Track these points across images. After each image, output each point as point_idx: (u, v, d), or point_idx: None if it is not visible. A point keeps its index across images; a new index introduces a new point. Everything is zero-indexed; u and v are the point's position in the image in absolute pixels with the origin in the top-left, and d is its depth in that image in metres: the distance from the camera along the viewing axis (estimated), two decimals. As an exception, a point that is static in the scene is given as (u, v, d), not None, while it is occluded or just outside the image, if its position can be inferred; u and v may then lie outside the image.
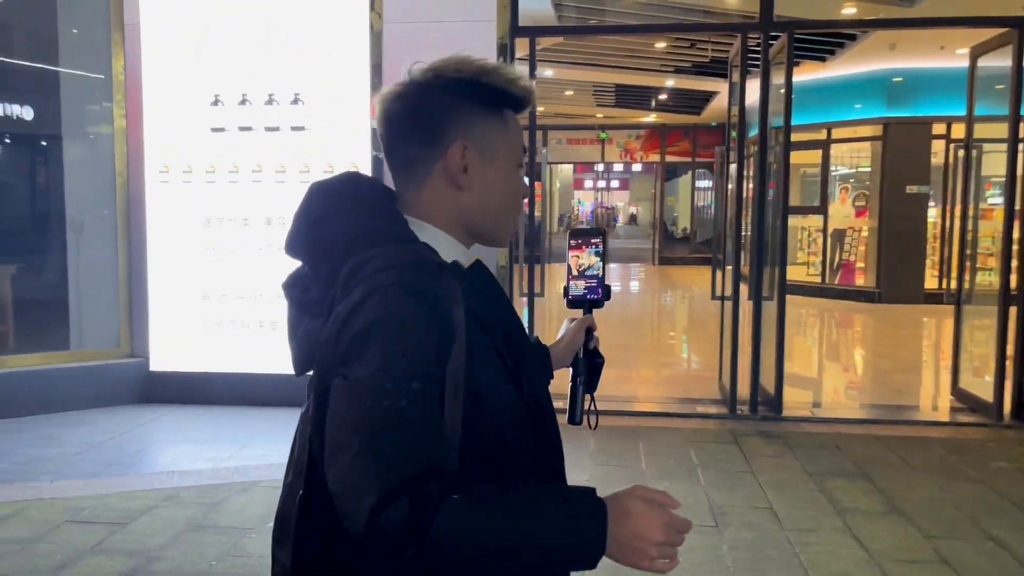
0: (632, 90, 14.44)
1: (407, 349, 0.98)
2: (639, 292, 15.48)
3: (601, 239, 1.48)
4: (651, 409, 5.80)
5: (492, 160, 1.15)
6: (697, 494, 4.19)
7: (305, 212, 1.11)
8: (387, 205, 1.13)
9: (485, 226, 1.18)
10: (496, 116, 1.15)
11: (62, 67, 6.05)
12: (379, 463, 0.93)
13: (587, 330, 1.49)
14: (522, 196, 1.23)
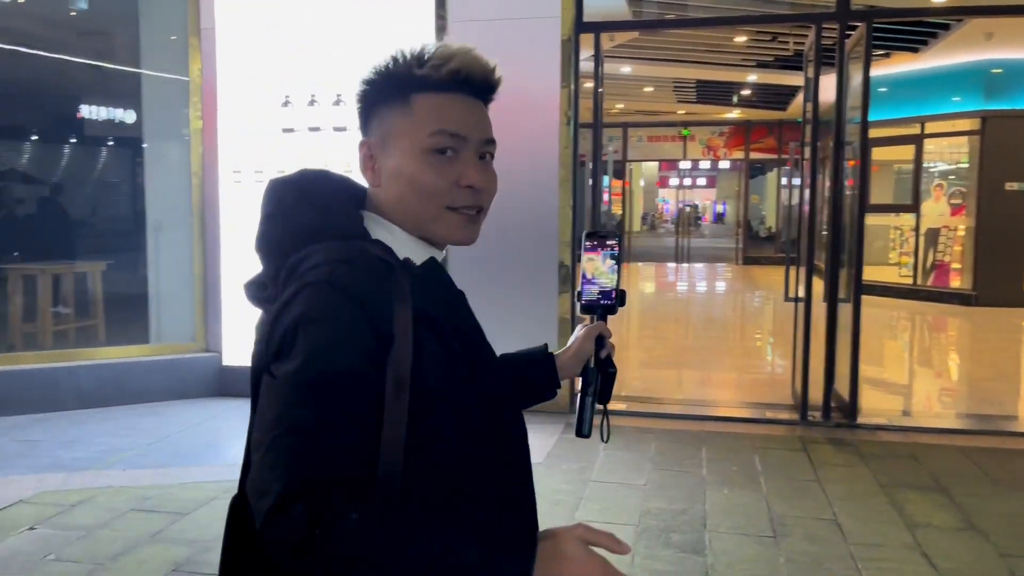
0: (714, 86, 14.13)
1: (330, 346, 0.95)
2: (717, 292, 15.15)
3: (617, 242, 1.42)
4: (717, 413, 5.64)
5: (391, 151, 1.11)
6: (757, 502, 4.05)
7: (261, 209, 1.11)
8: (341, 201, 1.11)
9: (403, 221, 1.12)
10: (400, 104, 1.11)
11: (144, 70, 6.30)
12: (285, 463, 0.90)
13: (599, 338, 1.41)
14: (459, 183, 1.11)
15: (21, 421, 5.40)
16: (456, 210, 1.11)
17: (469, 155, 1.11)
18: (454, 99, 1.11)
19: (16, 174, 11.28)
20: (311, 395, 0.93)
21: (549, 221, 5.51)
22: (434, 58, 1.10)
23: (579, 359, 1.42)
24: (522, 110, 5.46)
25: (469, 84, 1.12)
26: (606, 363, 1.40)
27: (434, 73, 1.09)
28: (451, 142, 1.10)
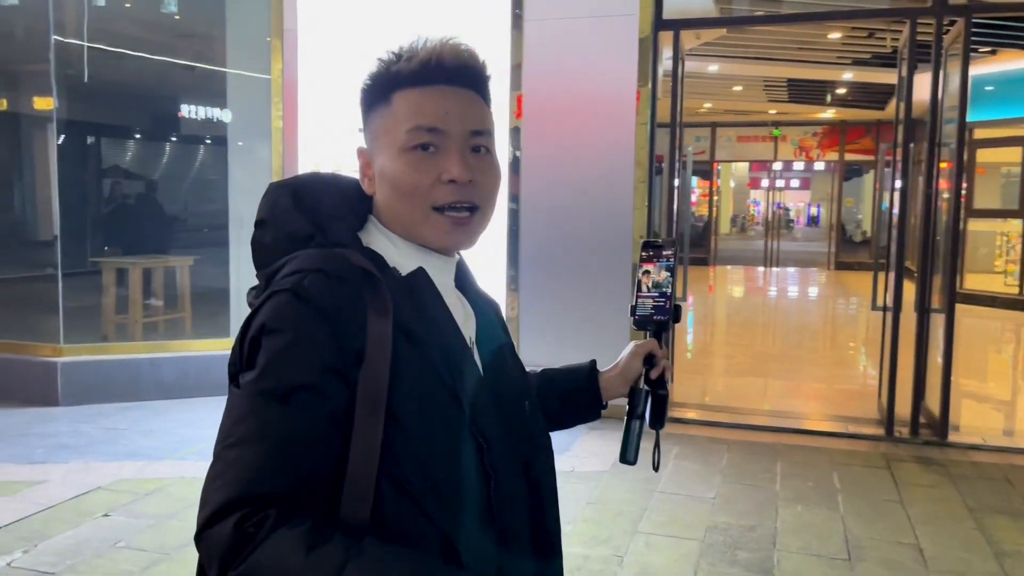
0: (806, 84, 13.66)
1: (286, 359, 0.91)
2: (804, 298, 14.64)
3: (673, 252, 1.32)
4: (795, 425, 5.41)
5: (377, 155, 1.07)
6: (833, 522, 3.85)
7: (256, 213, 1.08)
8: (337, 208, 1.06)
9: (398, 226, 1.07)
10: (383, 105, 1.07)
11: (230, 69, 6.47)
12: (226, 475, 0.87)
13: (650, 356, 1.30)
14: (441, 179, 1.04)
15: (107, 409, 5.61)
16: (442, 211, 1.04)
17: (451, 148, 1.04)
18: (432, 91, 1.05)
19: (119, 171, 11.83)
20: (262, 408, 0.90)
21: (623, 222, 5.40)
22: (407, 51, 1.07)
23: (625, 378, 1.32)
24: (597, 109, 5.37)
25: (446, 73, 1.06)
26: (656, 384, 1.30)
27: (407, 67, 1.06)
28: (429, 137, 1.04)
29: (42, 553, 3.40)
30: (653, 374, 1.30)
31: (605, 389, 1.34)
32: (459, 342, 1.06)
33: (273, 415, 0.89)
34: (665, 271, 1.32)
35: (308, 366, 0.91)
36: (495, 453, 1.03)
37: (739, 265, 19.50)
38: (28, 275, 7.31)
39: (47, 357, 5.84)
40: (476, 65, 1.09)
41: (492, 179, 1.08)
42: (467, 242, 1.09)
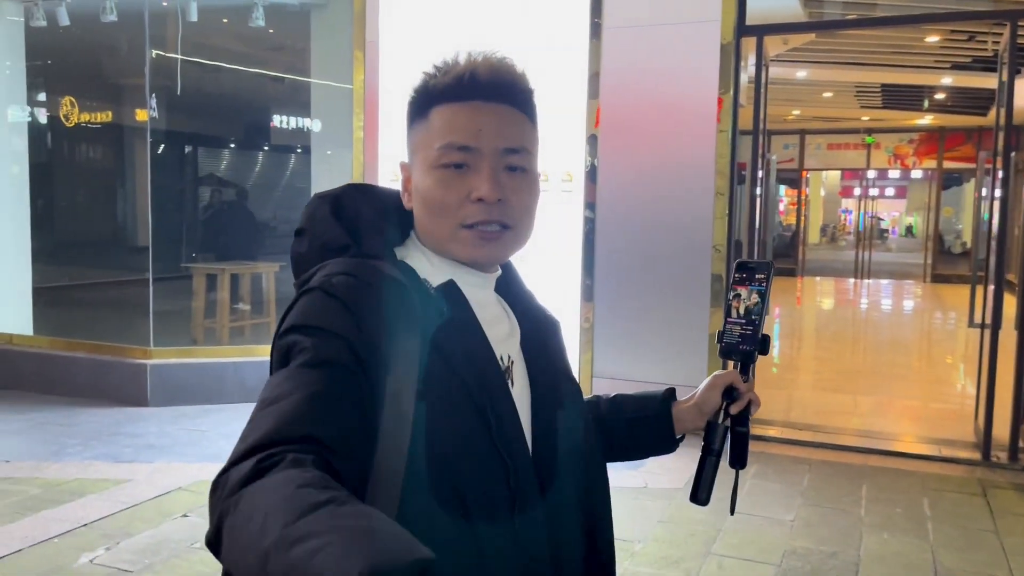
0: (901, 90, 13.13)
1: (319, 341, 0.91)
2: (896, 312, 14.06)
3: (767, 275, 1.22)
4: (884, 447, 5.16)
5: (414, 167, 1.06)
6: (922, 552, 3.65)
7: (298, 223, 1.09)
8: (374, 220, 1.05)
9: (430, 244, 1.06)
10: (421, 120, 1.05)
11: (314, 79, 6.62)
12: (255, 428, 0.84)
13: (730, 389, 1.22)
14: (471, 198, 1.01)
15: (191, 411, 5.78)
16: (472, 227, 1.02)
17: (483, 167, 1.02)
18: (466, 108, 1.03)
19: (210, 179, 12.27)
20: (295, 375, 0.89)
21: (702, 232, 5.27)
22: (445, 66, 1.05)
23: (702, 411, 1.25)
24: (677, 117, 5.27)
25: (482, 88, 1.03)
26: (737, 421, 1.21)
27: (443, 81, 1.04)
28: (460, 156, 1.01)
29: (123, 551, 3.51)
30: (734, 409, 1.21)
31: (679, 421, 1.27)
32: (487, 354, 1.03)
33: (305, 377, 0.88)
34: (756, 296, 1.23)
35: (337, 347, 0.90)
36: (520, 474, 0.98)
37: (828, 276, 18.87)
38: (124, 279, 7.62)
39: (137, 359, 6.07)
40: (513, 79, 1.06)
41: (526, 199, 1.05)
42: (498, 256, 1.06)
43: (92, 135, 9.02)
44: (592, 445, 1.16)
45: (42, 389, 6.27)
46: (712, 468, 1.17)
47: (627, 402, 1.30)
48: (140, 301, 6.33)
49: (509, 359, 1.07)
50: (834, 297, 16.13)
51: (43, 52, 7.05)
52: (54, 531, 3.69)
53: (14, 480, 4.36)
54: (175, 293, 7.48)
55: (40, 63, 7.11)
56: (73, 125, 6.97)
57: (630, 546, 3.60)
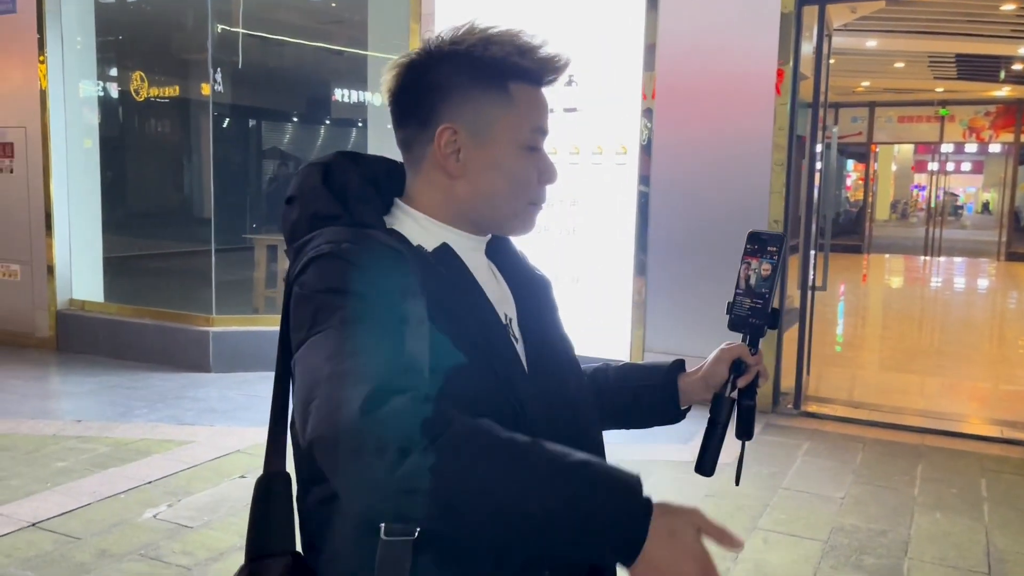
0: (977, 60, 12.62)
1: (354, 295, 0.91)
2: (966, 290, 13.61)
3: (779, 247, 1.21)
4: (942, 427, 5.04)
5: (488, 143, 1.05)
6: (975, 533, 3.57)
7: (288, 191, 1.10)
8: (363, 188, 1.07)
9: (486, 216, 1.09)
10: (497, 92, 1.05)
11: (371, 52, 6.68)
12: (357, 373, 0.82)
13: (738, 362, 1.22)
14: (540, 180, 1.09)
15: (251, 377, 5.96)
16: (535, 205, 1.11)
17: (546, 152, 1.11)
18: (542, 93, 1.10)
19: (271, 152, 12.52)
20: (363, 325, 0.88)
21: (759, 207, 5.17)
22: (533, 50, 1.06)
23: (707, 384, 1.25)
24: (734, 89, 5.17)
25: (553, 77, 1.09)
26: (743, 394, 1.20)
27: (529, 62, 1.05)
28: (543, 139, 1.10)
29: (184, 508, 3.66)
30: (741, 382, 1.21)
31: (684, 392, 1.28)
32: (489, 310, 1.06)
33: (375, 325, 0.88)
34: (768, 266, 1.21)
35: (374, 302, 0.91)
36: (531, 418, 1.01)
37: (897, 254, 18.36)
38: (188, 250, 7.86)
39: (200, 327, 6.27)
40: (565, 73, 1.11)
41: None
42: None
43: (160, 109, 9.28)
44: (586, 400, 1.17)
45: (112, 354, 6.53)
46: (718, 440, 1.17)
47: (634, 371, 1.32)
48: (203, 271, 6.53)
49: (507, 317, 1.10)
50: (902, 275, 15.71)
51: (112, 28, 7.26)
52: (121, 487, 3.87)
53: (85, 439, 4.57)
54: (237, 263, 7.68)
55: (110, 39, 7.33)
56: (143, 100, 7.17)
57: (675, 518, 3.61)
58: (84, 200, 7.01)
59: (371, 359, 0.84)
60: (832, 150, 5.71)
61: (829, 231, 5.67)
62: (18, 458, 4.24)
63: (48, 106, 6.71)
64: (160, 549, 3.25)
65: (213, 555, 3.22)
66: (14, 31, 6.80)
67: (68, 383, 6.04)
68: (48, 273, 6.83)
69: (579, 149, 5.61)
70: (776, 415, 5.18)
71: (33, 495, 3.74)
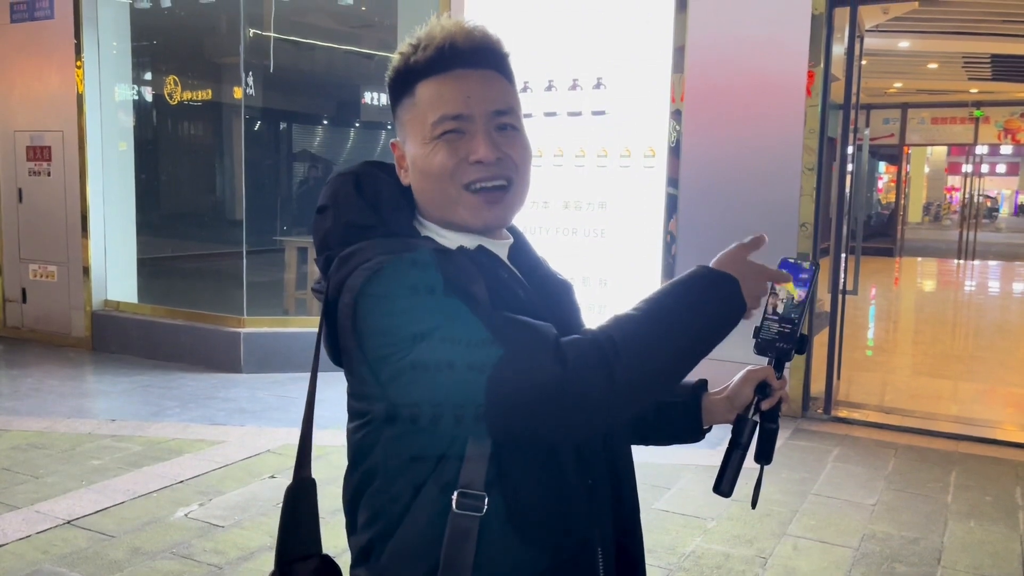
0: (1012, 60, 12.40)
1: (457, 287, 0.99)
2: (1000, 295, 13.38)
3: (811, 276, 1.19)
4: (977, 433, 4.96)
5: (408, 144, 1.10)
6: (1010, 541, 3.52)
7: (319, 200, 1.12)
8: (395, 198, 1.10)
9: (434, 215, 1.11)
10: (407, 96, 1.09)
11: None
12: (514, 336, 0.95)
13: (763, 385, 1.22)
14: (470, 160, 1.06)
15: (282, 378, 6.02)
16: (476, 191, 1.07)
17: (476, 132, 1.06)
18: (451, 78, 1.07)
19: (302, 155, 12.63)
20: (471, 314, 0.96)
21: (789, 209, 5.14)
22: (423, 40, 1.08)
23: (732, 405, 1.25)
24: (764, 91, 5.14)
25: (463, 56, 1.07)
26: (766, 417, 1.21)
27: (424, 56, 1.07)
28: (454, 124, 1.06)
29: (215, 507, 3.71)
30: (765, 405, 1.21)
31: (708, 411, 1.28)
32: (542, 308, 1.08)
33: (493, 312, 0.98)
34: (802, 292, 1.20)
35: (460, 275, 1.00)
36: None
37: (930, 257, 18.10)
38: (220, 252, 7.96)
39: (232, 328, 6.34)
40: (492, 44, 1.10)
41: (522, 153, 1.10)
42: (505, 217, 1.11)
43: (193, 112, 9.40)
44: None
45: (145, 354, 6.64)
46: (738, 461, 1.17)
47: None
48: (235, 272, 6.60)
49: None
50: (934, 279, 15.49)
51: (147, 33, 7.37)
52: (153, 486, 3.93)
53: (119, 437, 4.64)
54: (268, 265, 7.77)
55: (144, 43, 7.44)
56: (176, 103, 7.28)
57: (703, 523, 3.59)
58: (119, 202, 7.12)
59: (513, 332, 0.96)
60: (863, 152, 5.65)
61: (860, 234, 5.61)
62: (54, 456, 4.32)
63: (85, 110, 6.83)
64: (191, 548, 3.30)
65: (244, 554, 3.26)
66: (52, 36, 6.94)
67: (103, 383, 6.14)
68: (84, 274, 6.96)
69: (607, 152, 5.61)
70: (806, 420, 5.13)
71: (69, 493, 3.81)
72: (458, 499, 1.00)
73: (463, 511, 0.99)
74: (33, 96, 7.14)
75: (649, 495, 3.82)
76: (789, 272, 1.19)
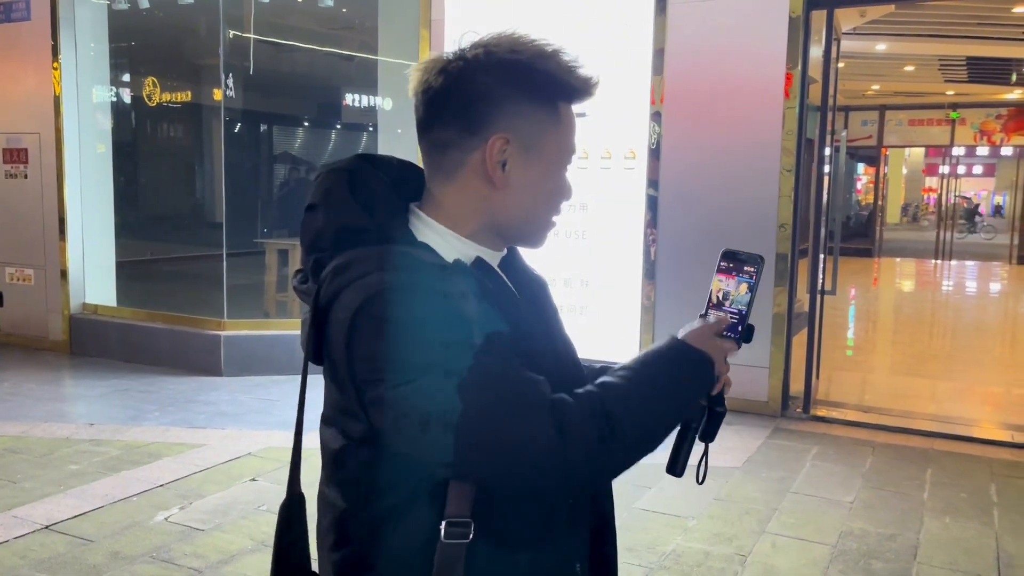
0: (988, 63, 12.57)
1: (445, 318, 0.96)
2: (975, 295, 13.55)
3: (757, 268, 1.23)
4: (953, 431, 5.03)
5: (537, 159, 1.06)
6: (984, 537, 3.57)
7: (308, 196, 1.08)
8: (387, 199, 1.06)
9: (518, 228, 1.10)
10: (548, 109, 1.06)
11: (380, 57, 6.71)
12: (516, 402, 0.95)
13: None
14: (565, 198, 1.12)
15: (262, 381, 6.00)
16: (554, 221, 1.14)
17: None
18: (576, 116, 1.11)
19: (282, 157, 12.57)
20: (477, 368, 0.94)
21: (767, 211, 5.19)
22: (578, 70, 1.06)
23: None
24: (742, 94, 5.18)
25: (587, 98, 1.10)
26: (715, 401, 1.25)
27: (579, 84, 1.07)
28: (574, 158, 1.14)
29: (195, 511, 3.69)
30: (713, 391, 1.25)
31: None
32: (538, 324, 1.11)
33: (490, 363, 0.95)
34: (745, 286, 1.25)
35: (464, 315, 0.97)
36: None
37: (908, 258, 18.29)
38: (200, 254, 7.92)
39: (212, 331, 6.31)
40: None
41: None
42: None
43: (172, 114, 9.35)
44: None
45: (125, 357, 6.59)
46: (689, 443, 1.22)
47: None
48: (215, 275, 6.57)
49: None
50: (912, 279, 15.65)
51: (125, 34, 7.32)
52: (133, 490, 3.90)
53: (97, 442, 4.61)
54: (249, 268, 7.73)
55: (123, 45, 7.39)
56: (155, 105, 7.23)
57: (683, 522, 3.62)
58: (97, 205, 7.07)
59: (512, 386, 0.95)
60: (841, 154, 5.71)
61: (838, 235, 5.67)
62: (32, 461, 4.29)
63: (62, 112, 6.78)
64: (171, 551, 3.28)
65: (224, 557, 3.25)
66: (29, 38, 6.88)
67: (81, 386, 6.09)
68: (62, 277, 6.90)
69: (588, 154, 5.63)
70: (786, 419, 5.17)
71: (46, 498, 3.78)
72: (446, 528, 0.99)
73: (451, 540, 0.99)
74: (9, 98, 7.07)
75: (631, 494, 3.85)
76: (734, 263, 1.24)
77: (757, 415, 5.16)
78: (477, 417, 0.92)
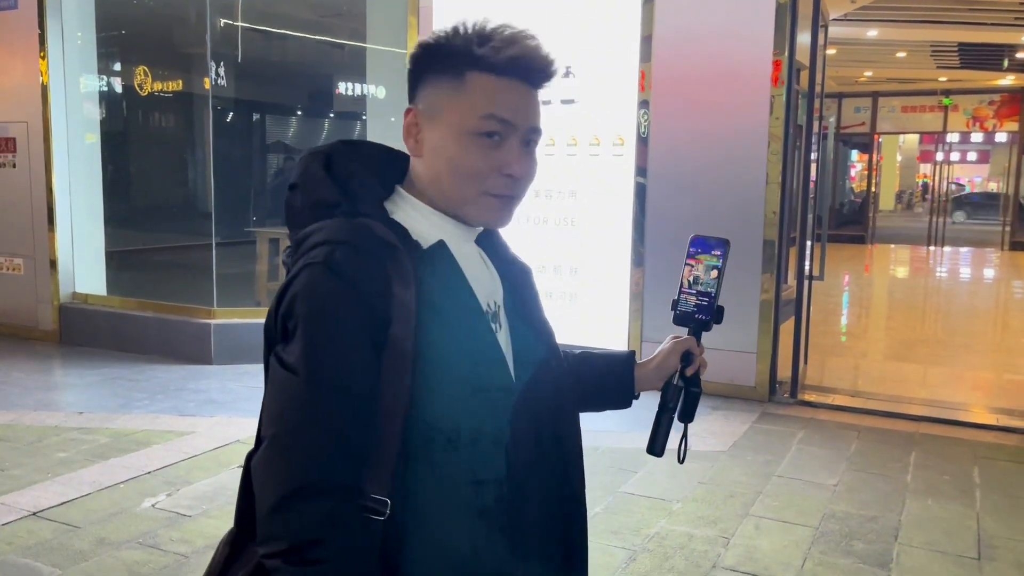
0: (980, 49, 12.58)
1: (329, 344, 0.98)
2: (966, 280, 13.59)
3: (723, 251, 1.31)
4: (937, 415, 5.06)
5: (438, 125, 1.09)
6: (966, 519, 3.60)
7: (290, 178, 1.13)
8: (366, 176, 1.10)
9: (438, 197, 1.11)
10: (451, 76, 1.08)
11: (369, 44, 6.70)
12: (285, 463, 0.97)
13: (687, 354, 1.34)
14: (501, 171, 1.09)
15: (252, 369, 6.00)
16: (492, 195, 1.11)
17: (515, 143, 1.09)
18: (508, 84, 1.09)
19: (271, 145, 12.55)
20: (311, 397, 0.97)
21: (755, 197, 5.20)
22: (496, 39, 1.08)
23: (661, 374, 1.35)
24: (730, 81, 5.19)
25: (526, 72, 1.09)
26: (691, 382, 1.32)
27: (493, 55, 1.07)
28: (499, 127, 1.08)
29: (183, 497, 3.71)
30: (689, 372, 1.33)
31: (639, 380, 1.37)
32: (475, 307, 1.10)
33: (321, 404, 0.98)
34: (714, 270, 1.31)
35: (350, 342, 0.98)
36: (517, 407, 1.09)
37: (902, 244, 18.33)
38: (190, 243, 7.91)
39: (202, 319, 6.32)
40: (552, 72, 1.12)
41: (533, 174, 1.13)
42: (504, 222, 1.14)
43: (161, 103, 9.31)
44: (564, 381, 1.23)
45: (114, 346, 6.59)
46: (667, 423, 1.26)
47: (593, 359, 1.40)
48: (205, 264, 6.57)
49: (495, 304, 1.15)
50: (905, 265, 15.69)
51: (113, 22, 7.29)
52: (120, 477, 3.91)
53: (86, 430, 4.62)
54: (239, 257, 7.73)
55: (111, 34, 7.36)
56: (144, 94, 7.21)
57: (668, 505, 3.65)
58: (86, 194, 7.05)
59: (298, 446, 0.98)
60: (829, 140, 5.71)
61: (827, 221, 5.69)
62: (20, 449, 4.30)
63: (50, 101, 6.75)
64: (158, 537, 3.30)
65: (211, 543, 3.26)
66: (15, 26, 6.84)
67: (70, 375, 6.10)
68: (51, 267, 6.89)
69: (577, 140, 5.63)
70: (773, 404, 5.20)
71: (34, 485, 3.80)
72: (367, 505, 1.01)
73: (370, 515, 1.01)
74: (-3, 87, 7.05)
75: (616, 478, 3.87)
76: (702, 248, 1.29)
77: (745, 400, 5.18)
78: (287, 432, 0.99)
